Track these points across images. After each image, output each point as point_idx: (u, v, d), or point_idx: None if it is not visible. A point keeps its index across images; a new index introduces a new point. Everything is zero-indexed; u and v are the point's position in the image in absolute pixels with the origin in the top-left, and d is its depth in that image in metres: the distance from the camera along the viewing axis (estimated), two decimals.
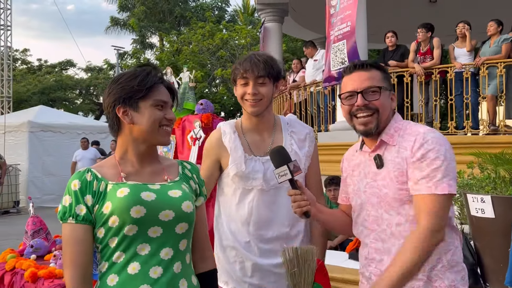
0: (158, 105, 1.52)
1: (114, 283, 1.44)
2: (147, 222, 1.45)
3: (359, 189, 1.76)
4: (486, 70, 6.25)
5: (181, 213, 1.51)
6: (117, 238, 1.45)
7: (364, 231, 1.74)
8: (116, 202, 1.43)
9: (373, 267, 1.70)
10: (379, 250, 1.68)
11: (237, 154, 1.97)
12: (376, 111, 1.66)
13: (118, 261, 1.45)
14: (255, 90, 1.92)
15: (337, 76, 6.88)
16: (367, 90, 1.67)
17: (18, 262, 3.09)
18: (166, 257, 1.48)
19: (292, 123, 2.09)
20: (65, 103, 26.29)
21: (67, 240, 1.45)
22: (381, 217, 1.67)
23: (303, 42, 10.69)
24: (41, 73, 27.64)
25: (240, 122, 2.09)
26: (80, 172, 1.50)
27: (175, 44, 20.71)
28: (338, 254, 4.22)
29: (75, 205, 1.44)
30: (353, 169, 1.83)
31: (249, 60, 1.93)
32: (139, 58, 23.67)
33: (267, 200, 1.96)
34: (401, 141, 1.65)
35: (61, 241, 3.66)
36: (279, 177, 1.71)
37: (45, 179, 12.54)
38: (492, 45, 6.38)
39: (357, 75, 1.70)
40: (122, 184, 1.48)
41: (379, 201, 1.67)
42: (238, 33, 19.29)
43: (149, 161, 1.59)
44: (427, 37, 6.92)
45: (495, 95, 6.29)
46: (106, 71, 28.46)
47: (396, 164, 1.63)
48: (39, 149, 12.45)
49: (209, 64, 20.37)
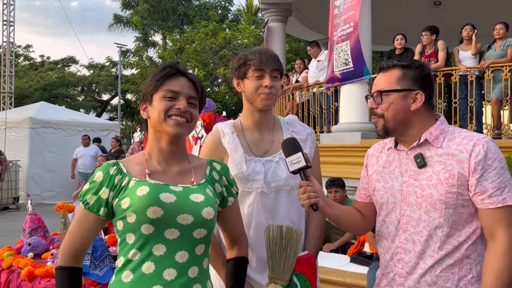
0: (167, 96, 1.53)
1: (129, 280, 1.46)
2: (164, 224, 1.46)
3: (392, 187, 1.70)
4: (491, 73, 6.20)
5: (200, 219, 1.50)
6: (134, 235, 1.47)
7: (393, 231, 1.69)
8: (134, 200, 1.45)
9: (399, 268, 1.67)
10: (409, 251, 1.64)
11: (237, 154, 1.90)
12: (381, 116, 1.67)
13: (134, 258, 1.47)
14: (271, 83, 1.87)
15: (340, 77, 6.84)
16: (373, 94, 1.69)
17: (15, 260, 3.05)
18: (181, 260, 1.48)
19: (292, 123, 2.04)
20: (67, 100, 26.28)
21: (75, 218, 1.53)
22: (419, 218, 1.62)
23: (306, 43, 10.66)
24: (43, 69, 27.66)
25: (239, 121, 2.02)
26: (107, 164, 1.54)
27: (177, 42, 20.68)
28: (339, 257, 4.18)
29: (89, 194, 1.50)
30: (384, 166, 1.77)
31: (264, 52, 1.89)
32: (142, 56, 23.64)
33: (267, 203, 1.89)
34: (451, 144, 1.61)
35: (58, 239, 3.63)
36: (291, 165, 1.65)
37: (45, 176, 12.51)
38: (498, 48, 6.34)
39: (377, 78, 1.72)
40: (143, 182, 1.49)
41: (420, 202, 1.61)
42: (241, 32, 19.28)
43: (177, 159, 1.59)
44: (432, 40, 6.89)
45: (500, 99, 6.24)
46: (108, 68, 28.44)
47: (447, 165, 1.58)
48: (40, 146, 12.42)
49: (211, 63, 20.35)
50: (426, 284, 1.60)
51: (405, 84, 1.65)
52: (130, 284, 1.46)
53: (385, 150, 1.81)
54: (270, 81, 1.86)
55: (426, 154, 1.64)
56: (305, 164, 1.63)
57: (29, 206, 3.64)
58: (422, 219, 1.61)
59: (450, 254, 1.58)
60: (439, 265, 1.58)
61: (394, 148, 1.74)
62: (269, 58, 1.87)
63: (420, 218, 1.62)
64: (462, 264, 1.58)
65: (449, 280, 1.58)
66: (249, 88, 1.89)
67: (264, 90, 1.87)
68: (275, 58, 1.90)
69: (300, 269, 1.78)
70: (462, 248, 1.58)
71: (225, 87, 20.93)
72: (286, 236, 1.78)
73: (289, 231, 1.78)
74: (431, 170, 1.61)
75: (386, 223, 1.73)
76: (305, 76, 8.65)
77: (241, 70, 1.90)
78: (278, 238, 1.78)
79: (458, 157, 1.57)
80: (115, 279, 1.50)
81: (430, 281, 1.59)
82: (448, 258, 1.58)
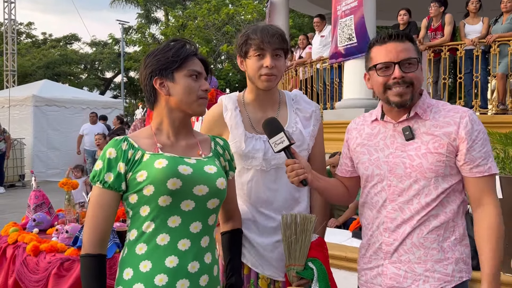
0: (193, 75, 1.56)
1: (143, 251, 1.49)
2: (182, 195, 1.49)
3: (378, 159, 1.73)
4: (497, 48, 6.11)
5: (215, 189, 1.56)
6: (149, 207, 1.49)
7: (380, 202, 1.73)
8: (153, 172, 1.47)
9: (386, 237, 1.71)
10: (395, 219, 1.69)
11: (238, 132, 1.89)
12: (411, 84, 1.64)
13: (148, 230, 1.50)
14: (273, 63, 1.81)
15: (344, 52, 6.77)
16: (404, 61, 1.63)
17: (21, 236, 3.08)
18: (195, 230, 1.53)
19: (297, 100, 1.99)
20: (70, 77, 26.25)
21: (92, 202, 1.51)
22: (408, 188, 1.66)
23: (310, 18, 10.50)
24: (45, 47, 27.52)
25: (243, 96, 1.98)
26: (116, 140, 1.53)
27: (180, 19, 20.48)
28: (341, 232, 4.21)
29: (105, 172, 1.49)
30: (367, 138, 1.79)
31: (266, 31, 1.81)
32: (144, 33, 23.45)
33: (267, 180, 1.90)
34: (437, 117, 1.66)
35: (63, 215, 3.66)
36: (275, 145, 1.67)
37: (50, 153, 12.58)
38: (505, 22, 6.23)
39: (393, 46, 1.64)
40: (160, 155, 1.52)
41: (409, 172, 1.65)
42: (244, 8, 19.04)
43: (184, 134, 1.63)
44: (440, 13, 6.75)
45: (506, 74, 6.16)
46: (111, 45, 28.29)
47: (435, 136, 1.64)
48: (44, 123, 12.46)
49: (214, 40, 20.18)
50: (413, 246, 1.66)
51: (419, 57, 1.68)
52: (145, 256, 1.49)
53: (368, 123, 1.82)
54: (271, 61, 1.80)
55: (414, 127, 1.68)
56: (288, 143, 1.66)
57: (33, 183, 3.66)
58: (413, 188, 1.65)
59: (437, 217, 1.65)
60: (426, 227, 1.65)
61: (381, 119, 1.75)
62: (271, 37, 1.80)
63: (410, 188, 1.66)
64: (448, 226, 1.66)
65: (435, 241, 1.65)
66: (250, 68, 1.85)
67: (264, 71, 1.82)
68: (279, 36, 1.82)
69: (314, 254, 1.83)
70: (448, 212, 1.65)
71: (229, 64, 20.81)
72: (301, 224, 1.82)
73: (304, 218, 1.82)
74: (419, 141, 1.66)
75: (371, 194, 1.76)
76: (309, 52, 8.56)
77: (242, 48, 1.86)
78: (293, 226, 1.82)
79: (446, 129, 1.63)
80: (128, 252, 1.52)
81: (417, 243, 1.66)
82: (434, 221, 1.65)
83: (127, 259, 1.51)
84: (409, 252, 1.67)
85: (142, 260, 1.48)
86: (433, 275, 1.65)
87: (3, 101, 12.44)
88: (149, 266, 1.47)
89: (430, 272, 1.65)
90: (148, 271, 1.47)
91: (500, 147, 2.81)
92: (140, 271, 1.47)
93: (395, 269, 1.69)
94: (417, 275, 1.66)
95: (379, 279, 1.73)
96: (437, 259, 1.65)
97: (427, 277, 1.65)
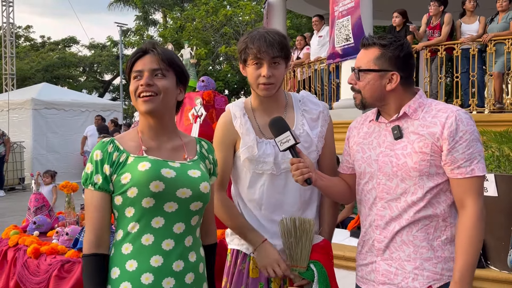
0: (135, 76, 1.58)
1: (129, 251, 1.53)
2: (165, 197, 1.52)
3: (370, 157, 1.78)
4: (493, 46, 6.13)
5: (198, 193, 1.59)
6: (133, 208, 1.52)
7: (371, 199, 1.78)
8: (136, 175, 1.51)
9: (377, 234, 1.76)
10: (385, 217, 1.73)
11: (250, 138, 1.90)
12: (358, 92, 1.73)
13: (133, 231, 1.53)
14: (270, 73, 1.81)
15: (341, 53, 6.79)
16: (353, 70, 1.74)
17: (21, 238, 3.10)
18: (178, 231, 1.56)
19: (304, 101, 1.99)
20: (69, 80, 26.22)
21: (87, 204, 1.55)
22: (396, 187, 1.70)
23: (308, 19, 10.50)
24: (44, 50, 27.50)
25: (250, 102, 1.99)
26: (103, 143, 1.57)
27: (178, 20, 20.47)
28: (339, 232, 4.22)
29: (94, 174, 1.54)
30: (364, 137, 1.85)
31: (263, 39, 1.79)
32: (143, 35, 23.45)
33: (277, 184, 1.92)
34: (426, 116, 1.69)
35: (63, 218, 3.68)
36: (281, 144, 1.70)
37: (50, 156, 12.60)
38: (500, 21, 6.26)
39: (359, 53, 1.77)
40: (143, 158, 1.55)
41: (395, 170, 1.70)
42: (242, 9, 19.02)
43: (167, 136, 1.65)
44: (439, 12, 6.78)
45: (502, 73, 6.19)
46: (109, 48, 28.28)
47: (420, 136, 1.67)
48: (43, 127, 12.48)
49: (212, 41, 20.17)
50: (403, 244, 1.70)
51: (381, 64, 1.69)
52: (130, 256, 1.52)
53: (367, 122, 1.88)
54: (267, 71, 1.81)
55: (403, 126, 1.72)
56: (294, 142, 1.69)
57: (33, 186, 3.69)
58: (399, 187, 1.69)
59: (426, 216, 1.68)
60: (415, 225, 1.68)
61: (376, 120, 1.81)
62: (268, 46, 1.78)
63: (397, 186, 1.70)
64: (438, 225, 1.69)
65: (424, 239, 1.68)
66: (249, 76, 1.88)
67: (262, 80, 1.83)
68: (277, 44, 1.80)
69: (316, 256, 1.88)
70: (438, 212, 1.68)
71: (227, 65, 20.80)
72: (299, 227, 1.86)
73: (302, 222, 1.87)
74: (406, 140, 1.69)
75: (364, 192, 1.82)
76: (306, 52, 8.58)
77: (242, 56, 1.87)
78: (292, 230, 1.87)
79: (432, 129, 1.65)
80: (115, 252, 1.55)
81: (406, 241, 1.69)
82: (424, 219, 1.68)
83: (114, 259, 1.54)
84: (399, 250, 1.71)
85: (128, 259, 1.52)
86: (422, 273, 1.68)
87: (2, 105, 12.46)
88: (135, 266, 1.51)
89: (419, 270, 1.68)
90: (134, 270, 1.50)
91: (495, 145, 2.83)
92: (127, 270, 1.51)
93: (386, 266, 1.74)
94: (407, 273, 1.69)
95: (372, 275, 1.78)
96: (427, 257, 1.68)
97: (416, 274, 1.68)
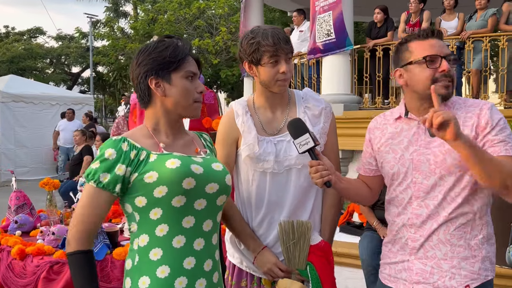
0: (189, 76, 1.54)
1: (158, 257, 1.45)
2: (195, 194, 1.48)
3: (403, 157, 1.75)
4: (471, 44, 6.25)
5: (224, 186, 1.56)
6: (161, 209, 1.45)
7: (405, 198, 1.75)
8: (166, 173, 1.44)
9: (412, 233, 1.74)
10: (421, 216, 1.71)
11: (251, 135, 1.90)
12: (452, 79, 1.69)
13: (162, 234, 1.46)
14: (287, 68, 1.81)
15: (322, 48, 6.79)
16: (448, 57, 1.68)
17: (4, 239, 2.97)
18: (207, 228, 1.53)
19: (307, 98, 2.00)
20: (35, 72, 25.38)
21: (83, 200, 1.46)
22: (434, 184, 1.68)
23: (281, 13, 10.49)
24: (8, 40, 26.47)
25: (253, 99, 2.00)
26: (115, 140, 1.47)
27: (150, 13, 20.09)
28: None
29: (101, 172, 1.44)
30: (391, 137, 1.81)
31: (277, 37, 1.79)
32: (113, 27, 22.91)
33: (278, 182, 1.91)
34: (460, 113, 1.69)
35: (45, 216, 3.54)
36: (300, 146, 1.68)
37: (18, 151, 12.13)
38: (479, 19, 6.38)
39: (435, 41, 1.71)
40: (169, 155, 1.49)
41: (433, 168, 1.67)
42: (216, 2, 18.83)
43: (180, 133, 1.63)
44: (419, 9, 6.87)
45: (480, 70, 6.32)
46: (78, 39, 27.50)
47: None
48: (11, 120, 11.99)
49: (185, 34, 19.89)
50: (440, 242, 1.68)
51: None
52: (161, 261, 1.44)
53: (390, 122, 1.84)
54: (286, 67, 1.81)
55: None
56: (313, 144, 1.67)
57: (13, 183, 3.53)
58: (438, 185, 1.68)
59: (464, 214, 1.67)
60: (452, 224, 1.67)
61: (405, 116, 1.78)
62: (282, 41, 1.79)
63: (435, 184, 1.68)
64: (475, 224, 1.69)
65: (461, 238, 1.68)
66: (265, 75, 1.84)
67: (281, 77, 1.83)
68: (287, 39, 1.82)
69: (312, 258, 1.87)
70: (475, 209, 1.67)
71: (200, 58, 20.59)
72: (298, 229, 1.86)
73: (300, 224, 1.86)
74: None
75: (396, 192, 1.79)
76: None
77: (254, 56, 1.82)
78: (290, 232, 1.86)
79: (468, 123, 1.67)
80: (141, 259, 1.46)
81: (444, 239, 1.68)
82: (461, 218, 1.67)
83: (142, 267, 1.45)
84: (436, 248, 1.69)
85: (158, 265, 1.44)
86: (460, 272, 1.67)
87: None
88: (167, 271, 1.44)
89: (456, 269, 1.67)
90: (167, 276, 1.43)
91: None
92: (158, 277, 1.43)
93: (421, 264, 1.72)
94: (444, 271, 1.68)
95: (404, 274, 1.76)
96: (464, 256, 1.68)
97: (454, 273, 1.67)
